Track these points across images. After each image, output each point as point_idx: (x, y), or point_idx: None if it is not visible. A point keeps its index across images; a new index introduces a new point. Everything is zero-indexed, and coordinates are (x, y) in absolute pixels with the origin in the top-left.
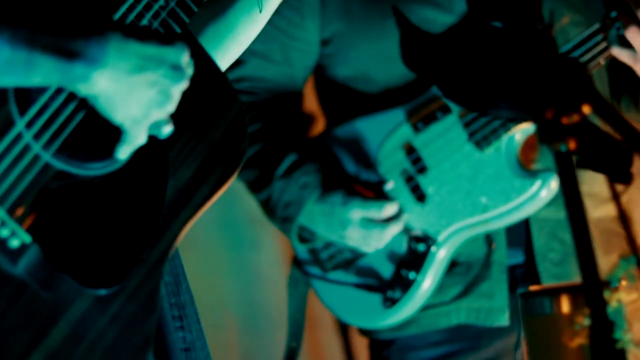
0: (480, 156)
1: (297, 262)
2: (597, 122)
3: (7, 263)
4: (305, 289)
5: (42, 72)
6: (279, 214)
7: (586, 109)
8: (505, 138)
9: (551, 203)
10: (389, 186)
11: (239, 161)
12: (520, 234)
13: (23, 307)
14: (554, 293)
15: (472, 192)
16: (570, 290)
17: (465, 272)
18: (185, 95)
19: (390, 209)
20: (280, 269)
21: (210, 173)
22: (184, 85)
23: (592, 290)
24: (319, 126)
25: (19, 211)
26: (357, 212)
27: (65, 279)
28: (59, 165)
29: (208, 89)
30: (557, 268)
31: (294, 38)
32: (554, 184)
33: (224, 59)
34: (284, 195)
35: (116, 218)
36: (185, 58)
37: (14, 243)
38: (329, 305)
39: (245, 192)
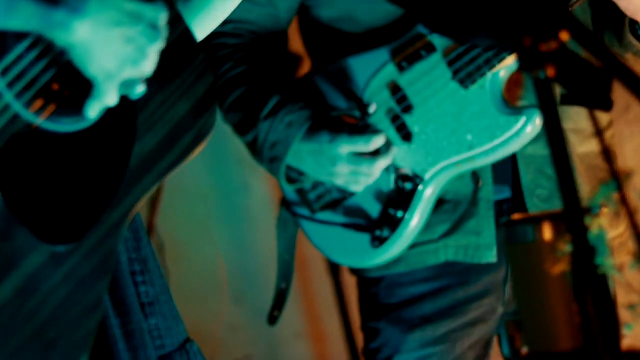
0: (465, 94)
1: (285, 203)
2: (579, 51)
3: None
4: (294, 230)
5: (22, 15)
6: (265, 155)
7: (564, 36)
8: (489, 75)
9: (538, 140)
10: (372, 109)
11: (204, 135)
12: (508, 170)
13: None
14: (537, 221)
15: (458, 130)
16: (552, 217)
17: (452, 210)
18: (160, 62)
19: (377, 141)
20: (270, 210)
21: (175, 143)
22: (159, 45)
23: (573, 217)
24: (305, 68)
25: None
26: (345, 147)
27: (23, 231)
28: (29, 117)
29: (182, 59)
30: (545, 204)
31: None
32: (538, 120)
33: (198, 33)
34: (270, 135)
35: (80, 176)
36: (163, 18)
37: None
38: (318, 245)
39: (233, 133)
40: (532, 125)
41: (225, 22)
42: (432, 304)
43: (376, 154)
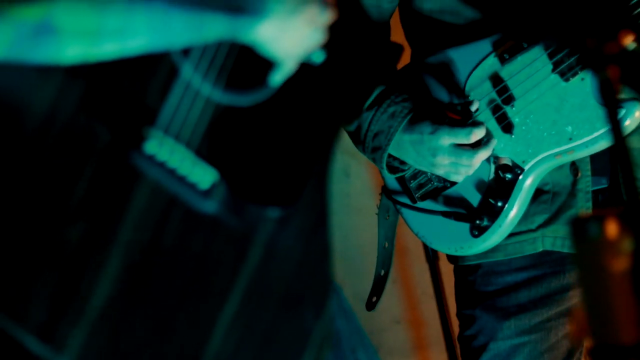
0: (565, 86)
1: (386, 191)
2: None
3: (202, 203)
4: (394, 218)
5: (213, 30)
6: (368, 144)
7: (627, 38)
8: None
9: (636, 132)
10: (475, 107)
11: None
12: (605, 162)
13: (222, 240)
14: (601, 218)
15: (558, 122)
16: (617, 215)
17: (551, 201)
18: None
19: (478, 133)
20: (369, 198)
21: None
22: (329, 15)
23: (634, 214)
24: (407, 59)
25: (205, 151)
26: (446, 139)
27: (249, 205)
28: (226, 100)
29: None
30: None
31: None
32: (638, 113)
33: None
34: (373, 125)
35: (280, 139)
36: None
37: (205, 183)
38: (418, 232)
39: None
40: (632, 118)
41: None
42: (527, 292)
43: (477, 145)
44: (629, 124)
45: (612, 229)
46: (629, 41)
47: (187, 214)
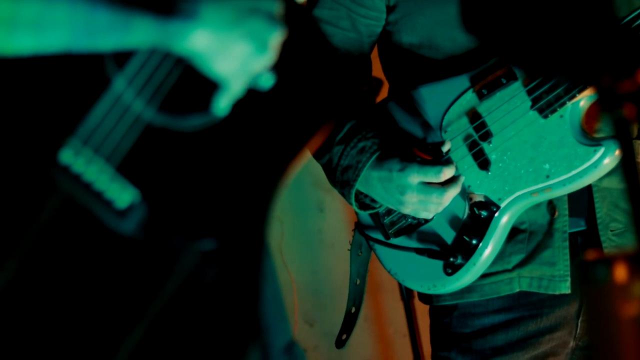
0: (544, 123)
1: (359, 227)
2: None
3: (117, 222)
4: (367, 254)
5: (139, 31)
6: (337, 178)
7: None
8: (569, 105)
9: (614, 172)
10: (446, 147)
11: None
12: (583, 202)
13: (136, 264)
14: (610, 261)
15: (536, 159)
16: (627, 258)
17: (527, 240)
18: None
19: (448, 172)
20: (342, 234)
21: (304, 121)
22: (280, 33)
23: None
24: (386, 92)
25: (126, 168)
26: (415, 177)
27: (173, 233)
28: (160, 121)
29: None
30: (619, 238)
31: (361, 5)
32: (617, 152)
33: None
34: (342, 159)
35: (219, 172)
36: (279, 6)
37: (123, 202)
38: (390, 270)
39: (310, 156)
40: (611, 157)
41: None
42: (504, 335)
43: (446, 183)
44: (608, 163)
45: (621, 272)
46: None
47: (102, 232)
